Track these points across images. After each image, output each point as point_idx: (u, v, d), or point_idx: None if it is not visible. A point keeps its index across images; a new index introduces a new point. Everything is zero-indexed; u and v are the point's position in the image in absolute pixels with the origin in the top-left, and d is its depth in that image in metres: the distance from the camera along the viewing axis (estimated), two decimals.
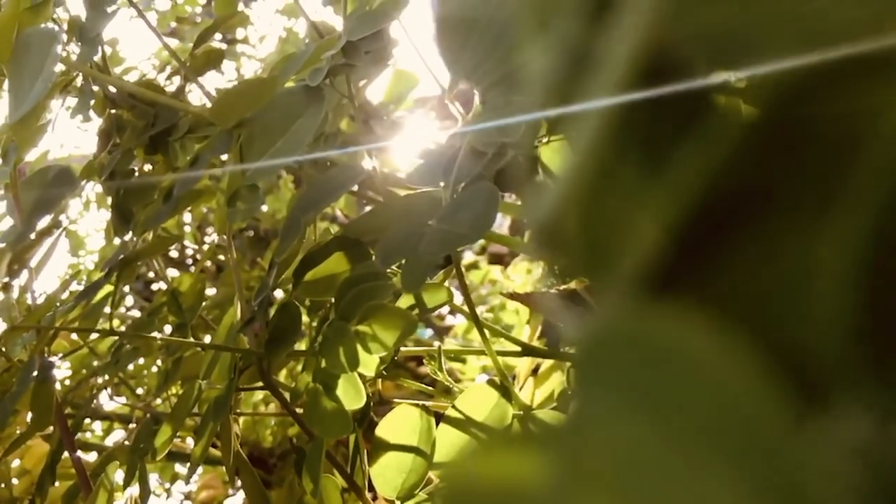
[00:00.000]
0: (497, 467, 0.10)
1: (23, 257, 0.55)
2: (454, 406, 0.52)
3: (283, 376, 1.04)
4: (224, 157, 0.65)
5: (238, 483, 0.67)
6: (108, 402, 1.22)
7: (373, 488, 0.55)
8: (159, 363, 1.16)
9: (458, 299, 0.56)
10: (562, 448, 0.09)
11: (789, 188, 0.09)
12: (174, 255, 1.79)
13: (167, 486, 1.29)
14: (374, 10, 0.60)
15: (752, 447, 0.08)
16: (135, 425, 1.14)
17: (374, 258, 0.53)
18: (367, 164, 0.71)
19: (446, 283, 0.63)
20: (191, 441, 1.12)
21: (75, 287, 0.91)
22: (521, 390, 0.60)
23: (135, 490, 0.72)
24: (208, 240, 1.71)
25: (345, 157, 1.06)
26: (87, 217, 1.44)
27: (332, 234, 0.69)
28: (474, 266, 1.41)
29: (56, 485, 0.83)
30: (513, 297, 0.64)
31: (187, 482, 1.24)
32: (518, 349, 0.57)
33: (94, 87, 0.81)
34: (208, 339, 0.99)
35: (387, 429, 0.54)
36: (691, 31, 0.10)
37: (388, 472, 0.53)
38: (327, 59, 0.56)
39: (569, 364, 0.56)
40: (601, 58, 0.11)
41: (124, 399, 1.25)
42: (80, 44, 0.75)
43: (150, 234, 0.73)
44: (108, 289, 0.66)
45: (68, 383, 1.07)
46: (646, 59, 0.10)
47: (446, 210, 0.47)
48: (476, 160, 0.51)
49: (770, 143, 0.09)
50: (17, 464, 0.94)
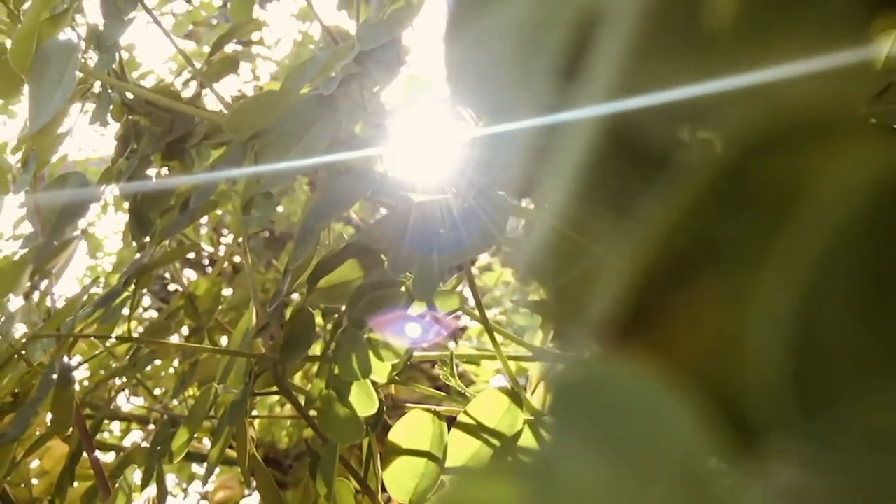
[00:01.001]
0: (475, 499, 0.10)
1: (44, 269, 0.56)
2: (466, 412, 0.53)
3: (298, 377, 1.05)
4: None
5: (254, 484, 0.68)
6: (126, 403, 1.23)
7: (386, 490, 0.56)
8: (176, 364, 1.18)
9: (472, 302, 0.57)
10: (533, 480, 0.10)
11: (734, 244, 0.10)
12: (190, 256, 1.81)
13: (184, 485, 1.30)
14: (386, 19, 0.60)
15: (688, 486, 0.09)
16: (152, 426, 1.15)
17: (386, 266, 0.53)
18: (381, 167, 0.72)
19: (460, 287, 0.63)
20: (208, 441, 1.13)
21: (94, 290, 0.92)
22: (532, 395, 0.61)
23: (152, 491, 0.73)
24: (224, 241, 1.72)
25: (359, 162, 1.07)
26: (105, 220, 1.46)
27: (346, 240, 0.69)
28: (488, 268, 1.41)
29: (75, 485, 0.85)
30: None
31: (204, 484, 1.26)
32: (530, 353, 0.58)
33: (112, 93, 0.82)
34: (224, 340, 1.00)
35: (400, 433, 0.55)
36: (654, 95, 0.10)
37: (400, 477, 0.53)
38: (340, 68, 0.57)
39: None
40: (572, 116, 0.12)
41: (142, 400, 1.26)
42: (97, 51, 0.76)
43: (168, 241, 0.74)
44: (126, 293, 0.67)
45: (87, 384, 1.09)
46: (611, 119, 0.11)
47: (457, 219, 0.47)
48: (487, 168, 0.51)
49: (720, 200, 0.10)
50: (36, 464, 0.96)
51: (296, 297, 0.67)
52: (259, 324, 0.60)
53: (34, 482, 0.94)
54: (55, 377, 0.57)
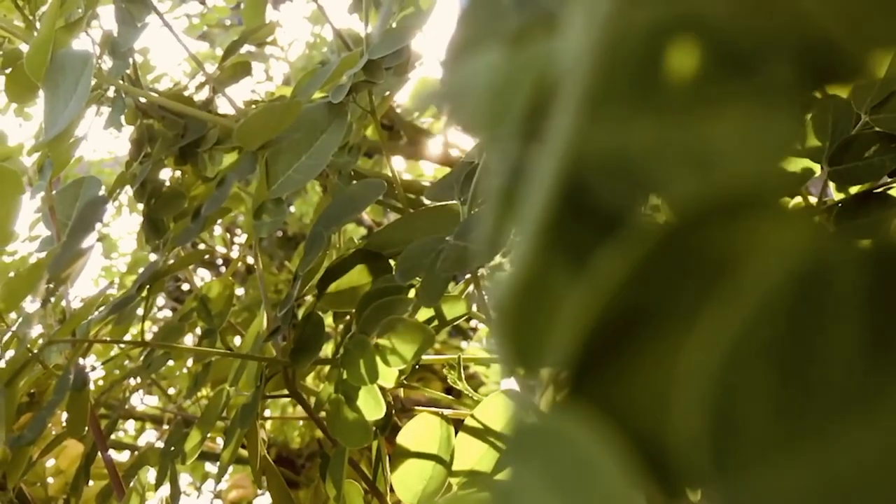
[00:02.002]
0: None
1: (59, 277, 0.57)
2: (472, 415, 0.53)
3: (311, 378, 1.06)
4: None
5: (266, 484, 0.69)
6: (140, 404, 1.25)
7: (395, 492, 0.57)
8: (190, 364, 1.19)
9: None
10: None
11: (669, 308, 0.11)
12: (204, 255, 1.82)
13: (198, 484, 1.32)
14: (395, 28, 0.61)
15: None
16: (166, 426, 1.17)
17: (394, 272, 0.54)
18: (391, 170, 0.73)
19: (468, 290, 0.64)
20: (221, 441, 1.14)
21: (109, 291, 0.93)
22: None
23: (166, 490, 0.75)
24: (238, 240, 1.74)
25: (369, 164, 1.07)
26: (120, 221, 1.48)
27: (356, 244, 0.70)
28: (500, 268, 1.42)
29: (90, 484, 0.86)
30: None
31: (217, 484, 1.27)
32: None
33: (125, 98, 0.83)
34: (238, 340, 1.01)
35: (408, 437, 0.55)
36: (605, 158, 0.11)
37: (408, 479, 0.54)
38: (349, 76, 0.58)
39: None
40: (533, 174, 0.12)
41: (156, 399, 1.28)
42: (112, 57, 0.78)
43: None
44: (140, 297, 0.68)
45: (102, 383, 1.10)
46: (569, 179, 0.11)
47: (463, 226, 0.48)
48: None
49: (659, 266, 0.11)
50: (52, 463, 0.97)
51: (309, 298, 0.68)
52: (270, 327, 0.60)
53: (50, 481, 0.95)
54: (70, 381, 0.58)
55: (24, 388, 0.75)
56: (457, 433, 0.55)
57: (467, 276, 0.62)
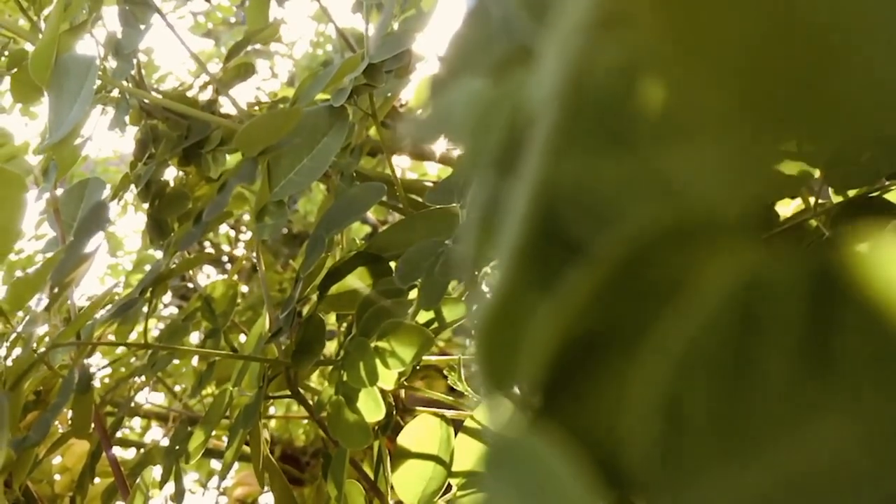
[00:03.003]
0: None
1: (63, 283, 0.57)
2: (472, 417, 0.54)
3: (315, 377, 1.06)
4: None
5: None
6: (146, 402, 1.25)
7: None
8: (195, 362, 1.20)
9: None
10: None
11: (625, 328, 0.11)
12: (208, 250, 1.83)
13: (203, 481, 1.32)
14: (396, 31, 0.61)
15: None
16: (171, 424, 1.17)
17: (394, 274, 0.55)
18: (392, 172, 0.73)
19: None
20: (226, 438, 1.15)
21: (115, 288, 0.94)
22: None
23: (171, 488, 0.75)
24: (243, 237, 1.74)
25: (373, 163, 1.08)
26: (125, 219, 1.48)
27: (357, 244, 0.71)
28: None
29: (96, 481, 0.87)
30: None
31: (221, 482, 1.28)
32: None
33: (130, 99, 0.84)
34: (243, 338, 1.02)
35: (408, 437, 0.56)
36: (575, 191, 0.12)
37: (409, 480, 0.55)
38: (350, 80, 0.58)
39: None
40: (509, 205, 0.13)
41: (162, 396, 1.29)
42: (116, 58, 0.78)
43: None
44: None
45: (107, 381, 1.11)
46: (542, 210, 0.12)
47: (463, 230, 0.48)
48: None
49: (617, 290, 0.11)
50: (58, 461, 0.98)
51: (313, 297, 0.68)
52: (272, 328, 0.61)
53: (56, 478, 0.96)
54: (75, 383, 0.59)
55: (30, 388, 0.75)
56: (458, 434, 0.55)
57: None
